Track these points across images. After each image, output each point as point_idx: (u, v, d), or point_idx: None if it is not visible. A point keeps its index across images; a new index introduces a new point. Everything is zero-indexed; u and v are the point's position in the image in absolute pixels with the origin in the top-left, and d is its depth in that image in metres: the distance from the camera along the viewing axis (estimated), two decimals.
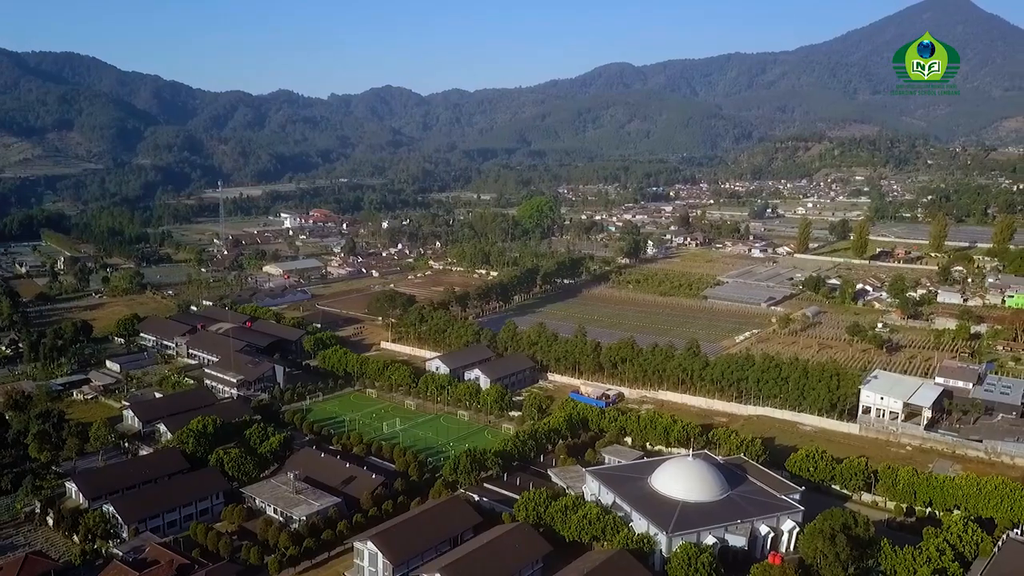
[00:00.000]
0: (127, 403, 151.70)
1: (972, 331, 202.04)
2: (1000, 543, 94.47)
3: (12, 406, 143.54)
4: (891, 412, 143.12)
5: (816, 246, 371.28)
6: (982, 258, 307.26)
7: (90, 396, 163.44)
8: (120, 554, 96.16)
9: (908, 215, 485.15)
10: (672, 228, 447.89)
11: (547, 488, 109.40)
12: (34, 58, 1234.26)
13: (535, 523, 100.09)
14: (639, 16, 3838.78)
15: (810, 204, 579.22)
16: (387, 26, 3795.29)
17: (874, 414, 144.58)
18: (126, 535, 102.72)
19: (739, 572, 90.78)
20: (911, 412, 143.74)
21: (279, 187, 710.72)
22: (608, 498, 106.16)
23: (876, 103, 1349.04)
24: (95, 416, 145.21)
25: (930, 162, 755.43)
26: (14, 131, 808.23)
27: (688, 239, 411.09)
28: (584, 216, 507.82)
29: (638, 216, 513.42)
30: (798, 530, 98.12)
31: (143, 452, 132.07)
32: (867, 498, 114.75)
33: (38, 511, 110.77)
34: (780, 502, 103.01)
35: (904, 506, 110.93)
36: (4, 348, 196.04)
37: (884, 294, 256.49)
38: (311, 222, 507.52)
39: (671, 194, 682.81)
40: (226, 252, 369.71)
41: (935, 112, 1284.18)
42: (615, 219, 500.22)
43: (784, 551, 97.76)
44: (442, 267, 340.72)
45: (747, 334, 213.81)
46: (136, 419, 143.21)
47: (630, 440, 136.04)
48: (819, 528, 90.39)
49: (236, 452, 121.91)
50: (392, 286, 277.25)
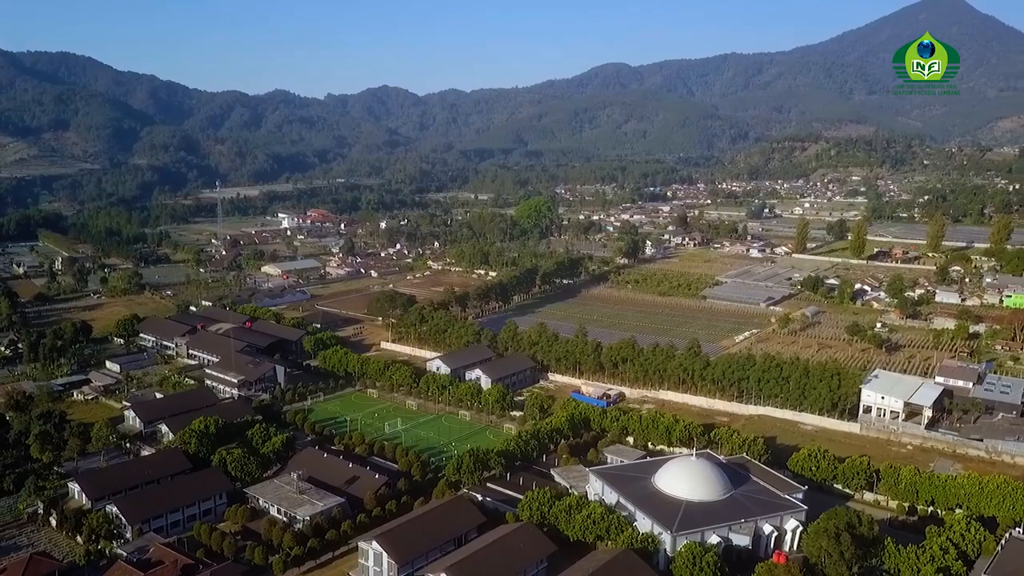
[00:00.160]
0: (128, 403, 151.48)
1: (971, 331, 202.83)
2: (1003, 541, 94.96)
3: (13, 407, 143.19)
4: (892, 411, 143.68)
5: (814, 246, 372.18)
6: (979, 258, 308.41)
7: (90, 397, 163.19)
8: (124, 554, 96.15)
9: (905, 215, 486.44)
10: (670, 228, 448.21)
11: (550, 488, 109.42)
12: (30, 58, 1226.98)
13: (539, 523, 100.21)
14: (635, 16, 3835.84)
15: (807, 204, 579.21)
16: (384, 26, 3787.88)
17: (875, 413, 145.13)
18: (130, 535, 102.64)
19: (743, 571, 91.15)
20: (912, 411, 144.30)
21: (276, 187, 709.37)
22: (612, 498, 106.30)
23: (872, 103, 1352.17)
24: (96, 416, 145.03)
25: (926, 162, 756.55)
26: (10, 131, 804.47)
27: (686, 239, 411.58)
28: (582, 216, 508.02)
29: (636, 216, 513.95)
30: (801, 529, 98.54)
31: (145, 452, 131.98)
32: (869, 497, 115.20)
33: (41, 512, 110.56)
34: (783, 501, 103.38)
35: (906, 505, 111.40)
36: (3, 349, 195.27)
37: (882, 294, 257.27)
38: (309, 222, 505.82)
39: (668, 194, 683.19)
40: (224, 252, 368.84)
41: (931, 112, 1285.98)
42: (613, 219, 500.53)
43: (788, 550, 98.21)
44: (441, 267, 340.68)
45: (747, 334, 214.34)
46: (137, 419, 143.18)
47: (632, 440, 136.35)
48: (823, 527, 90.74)
49: (239, 452, 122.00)
50: (391, 286, 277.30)
